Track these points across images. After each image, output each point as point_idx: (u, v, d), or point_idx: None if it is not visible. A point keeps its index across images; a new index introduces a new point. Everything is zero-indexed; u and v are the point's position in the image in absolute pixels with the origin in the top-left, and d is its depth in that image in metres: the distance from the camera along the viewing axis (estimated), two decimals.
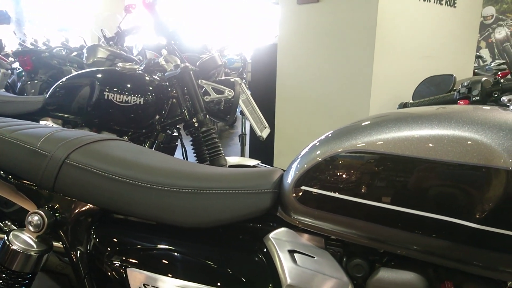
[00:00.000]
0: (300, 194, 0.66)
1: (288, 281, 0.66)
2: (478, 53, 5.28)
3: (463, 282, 0.62)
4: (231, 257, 0.74)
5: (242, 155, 2.79)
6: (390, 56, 2.37)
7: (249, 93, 2.04)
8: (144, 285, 0.73)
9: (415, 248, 0.60)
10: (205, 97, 1.81)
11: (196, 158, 1.87)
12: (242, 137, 2.79)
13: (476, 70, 3.55)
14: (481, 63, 5.19)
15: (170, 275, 0.73)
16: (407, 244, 0.60)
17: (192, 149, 1.87)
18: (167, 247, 0.77)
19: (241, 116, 2.77)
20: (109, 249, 0.78)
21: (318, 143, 0.69)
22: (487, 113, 0.62)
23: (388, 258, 0.67)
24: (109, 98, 1.83)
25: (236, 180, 0.75)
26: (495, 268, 0.57)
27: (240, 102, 1.94)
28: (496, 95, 1.06)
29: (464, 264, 0.58)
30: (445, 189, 0.57)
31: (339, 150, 0.63)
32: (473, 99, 1.09)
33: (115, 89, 1.84)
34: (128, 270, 0.75)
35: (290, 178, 0.69)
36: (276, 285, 0.68)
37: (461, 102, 1.12)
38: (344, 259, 0.68)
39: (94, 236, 0.81)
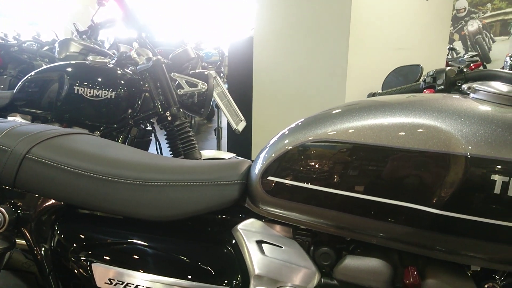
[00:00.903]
0: (267, 184, 0.66)
1: (256, 271, 0.66)
2: (451, 46, 5.40)
3: (426, 266, 0.63)
4: (199, 249, 0.74)
5: (218, 148, 2.78)
6: (364, 48, 2.39)
7: (225, 86, 2.02)
8: (110, 280, 0.72)
9: (380, 235, 0.60)
10: (178, 91, 1.78)
11: (170, 152, 1.84)
12: (218, 131, 2.77)
13: (449, 62, 3.62)
14: (455, 55, 5.30)
15: (137, 269, 0.72)
16: (373, 231, 0.61)
17: (167, 143, 1.85)
18: (133, 241, 0.75)
19: (216, 109, 2.75)
20: (74, 245, 0.77)
21: (287, 132, 0.68)
22: (448, 101, 0.63)
23: (354, 246, 0.68)
24: (79, 93, 1.78)
25: (203, 172, 0.74)
26: (457, 253, 0.58)
27: (215, 95, 1.92)
28: (459, 84, 1.09)
29: (427, 249, 0.59)
30: (408, 176, 0.57)
31: (310, 139, 0.63)
32: (438, 88, 1.12)
33: (86, 83, 1.79)
34: (93, 265, 0.73)
35: (257, 169, 0.68)
36: (244, 276, 0.68)
37: (426, 91, 1.14)
38: (312, 248, 0.69)
39: (58, 232, 0.79)
